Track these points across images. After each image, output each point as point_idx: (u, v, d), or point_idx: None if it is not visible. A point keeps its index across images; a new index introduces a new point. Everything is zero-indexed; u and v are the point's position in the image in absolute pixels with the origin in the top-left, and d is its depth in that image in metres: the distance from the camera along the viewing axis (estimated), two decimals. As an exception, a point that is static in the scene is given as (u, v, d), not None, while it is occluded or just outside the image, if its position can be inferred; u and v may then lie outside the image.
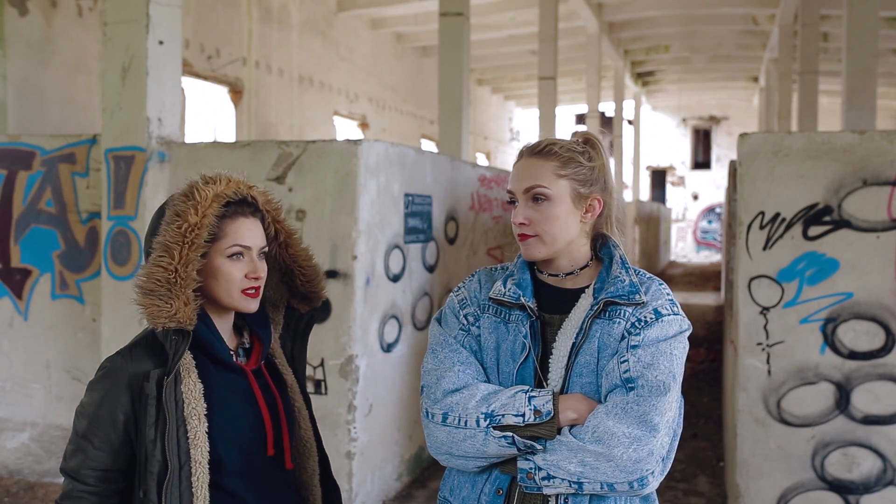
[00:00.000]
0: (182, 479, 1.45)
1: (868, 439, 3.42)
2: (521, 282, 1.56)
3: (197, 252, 1.47)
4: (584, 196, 1.53)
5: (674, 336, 1.47)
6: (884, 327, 3.38)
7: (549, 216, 1.51)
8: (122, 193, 4.19)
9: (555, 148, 1.53)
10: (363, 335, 3.91)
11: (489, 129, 20.77)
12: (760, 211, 3.49)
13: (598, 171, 1.54)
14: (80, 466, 1.48)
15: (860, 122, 6.21)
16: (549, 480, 1.40)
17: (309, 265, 1.69)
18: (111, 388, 1.48)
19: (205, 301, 1.55)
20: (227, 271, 1.53)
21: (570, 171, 1.51)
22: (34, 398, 4.64)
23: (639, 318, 1.47)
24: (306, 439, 1.69)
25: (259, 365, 1.62)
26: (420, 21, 13.45)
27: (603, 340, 1.47)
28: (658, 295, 1.51)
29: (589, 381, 1.47)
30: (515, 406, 1.43)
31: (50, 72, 7.05)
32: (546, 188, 1.50)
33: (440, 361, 1.54)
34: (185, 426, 1.46)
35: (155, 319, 1.45)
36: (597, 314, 1.49)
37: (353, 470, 3.88)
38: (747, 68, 19.25)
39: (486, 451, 1.44)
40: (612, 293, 1.49)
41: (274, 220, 1.63)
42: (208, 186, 1.50)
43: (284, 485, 1.62)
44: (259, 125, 10.35)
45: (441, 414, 1.48)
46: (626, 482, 1.37)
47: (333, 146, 3.89)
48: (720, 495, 4.43)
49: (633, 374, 1.41)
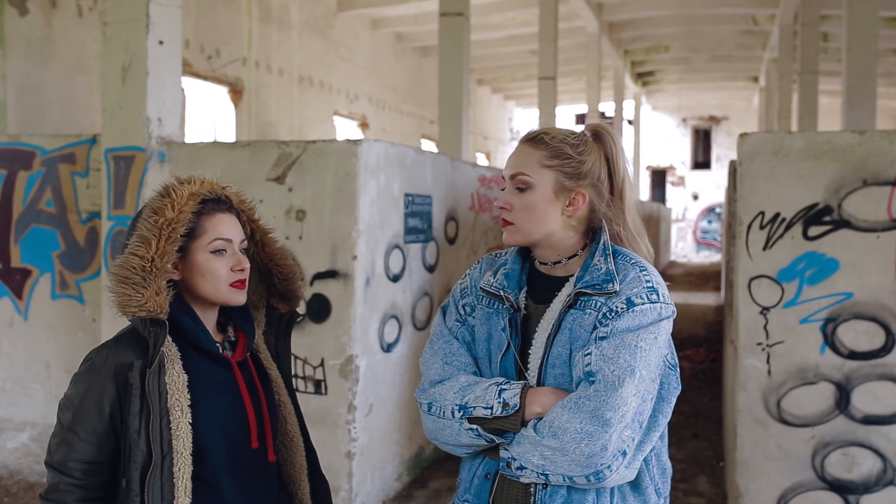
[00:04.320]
0: (164, 469, 1.46)
1: (868, 439, 3.42)
2: (511, 272, 1.59)
3: (173, 246, 1.51)
4: (568, 189, 1.52)
5: (646, 326, 1.43)
6: (884, 327, 3.38)
7: (528, 205, 1.52)
8: (122, 193, 4.19)
9: (546, 138, 1.53)
10: (363, 335, 3.91)
11: (489, 129, 20.77)
12: (760, 211, 3.49)
13: (589, 166, 1.52)
14: (66, 459, 1.49)
15: (860, 122, 6.21)
16: (521, 470, 1.45)
17: (285, 263, 1.72)
18: (97, 380, 1.49)
19: (189, 298, 1.58)
20: (211, 267, 1.56)
21: (556, 162, 1.51)
22: (34, 398, 4.64)
23: (610, 308, 1.45)
24: (292, 434, 1.71)
25: (245, 357, 1.64)
26: (420, 21, 13.45)
27: (575, 332, 1.47)
28: (635, 282, 1.46)
29: (562, 372, 1.48)
30: (486, 399, 1.47)
31: (50, 72, 7.05)
32: (528, 176, 1.51)
33: (434, 352, 1.60)
34: (168, 417, 1.47)
35: (125, 308, 1.48)
36: (570, 305, 1.49)
37: (353, 470, 3.88)
38: (747, 68, 19.25)
39: (460, 440, 1.50)
40: (586, 283, 1.48)
41: (249, 220, 1.66)
42: (183, 186, 1.55)
43: (268, 478, 1.64)
44: (259, 125, 10.35)
45: (426, 403, 1.55)
46: (582, 475, 1.40)
47: (333, 146, 3.89)
48: (720, 495, 4.43)
49: (594, 368, 1.41)
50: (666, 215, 22.16)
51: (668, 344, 1.51)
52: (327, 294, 3.85)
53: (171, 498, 1.46)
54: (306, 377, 3.90)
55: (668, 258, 23.53)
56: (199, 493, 1.51)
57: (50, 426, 4.71)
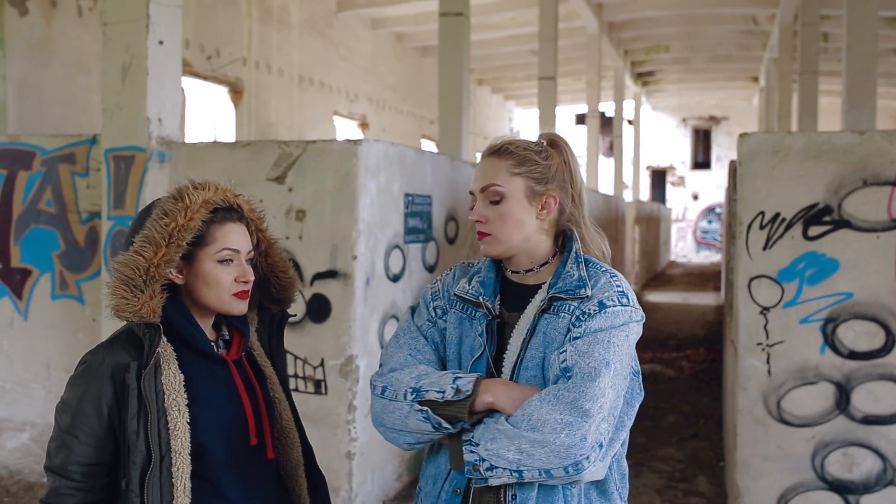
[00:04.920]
0: (163, 469, 1.46)
1: (868, 439, 3.42)
2: (486, 280, 1.61)
3: (178, 252, 1.52)
4: (539, 193, 1.57)
5: (618, 326, 1.48)
6: (884, 327, 3.38)
7: (504, 214, 1.55)
8: (122, 193, 4.19)
9: (511, 147, 1.57)
10: (363, 335, 3.91)
11: (489, 129, 20.76)
12: (760, 211, 3.49)
13: (554, 170, 1.58)
14: (65, 462, 1.49)
15: (860, 122, 6.21)
16: (492, 471, 1.43)
17: (286, 276, 1.73)
18: (93, 382, 1.50)
19: (189, 302, 1.59)
20: (217, 276, 1.56)
21: (524, 168, 1.55)
22: (34, 398, 4.64)
23: (583, 310, 1.50)
24: (288, 430, 1.72)
25: (240, 355, 1.65)
26: (420, 21, 13.45)
27: (549, 335, 1.51)
28: (606, 287, 1.52)
29: (534, 374, 1.51)
30: (440, 384, 1.49)
31: (50, 72, 7.06)
32: (500, 186, 1.55)
33: (399, 346, 1.63)
34: (165, 417, 1.48)
35: (120, 312, 1.50)
36: (543, 309, 1.53)
37: (353, 470, 3.88)
38: (747, 68, 19.25)
39: (407, 423, 1.51)
40: (559, 288, 1.52)
41: (257, 229, 1.67)
42: (198, 192, 1.55)
43: (267, 474, 1.65)
44: (259, 125, 10.35)
45: (381, 386, 1.56)
46: (560, 467, 1.40)
47: (333, 146, 3.90)
48: (720, 495, 4.43)
49: (570, 364, 1.44)
50: (666, 215, 22.17)
51: (633, 351, 1.55)
52: (327, 294, 3.85)
53: (171, 498, 1.47)
54: (306, 377, 3.90)
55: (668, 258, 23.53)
56: (201, 491, 1.52)
57: (50, 426, 4.71)
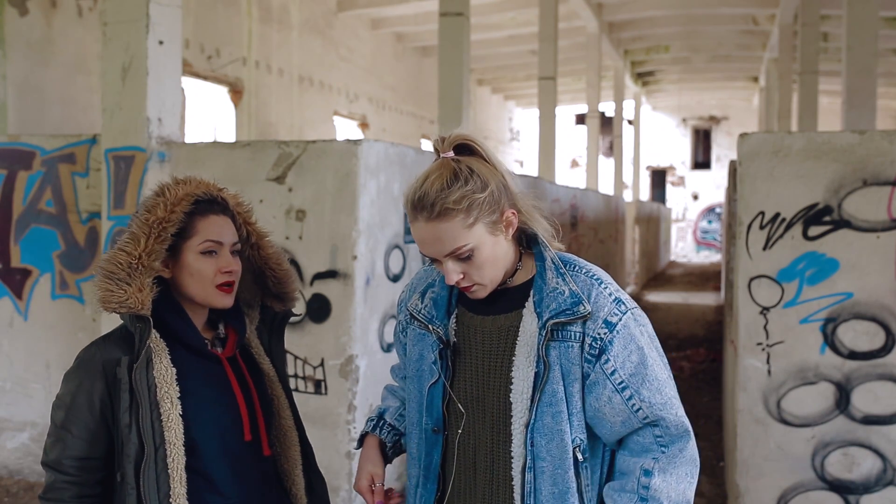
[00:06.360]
0: (158, 461, 1.48)
1: (868, 439, 3.42)
2: (439, 298, 1.56)
3: (163, 245, 1.53)
4: (497, 221, 1.45)
5: (636, 337, 1.46)
6: (884, 327, 3.38)
7: (481, 263, 1.45)
8: (122, 193, 4.19)
9: (448, 204, 1.40)
10: (363, 335, 3.91)
11: (489, 129, 20.77)
12: (760, 211, 3.49)
13: (492, 184, 1.44)
14: (60, 457, 1.50)
15: (860, 122, 6.21)
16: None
17: (280, 268, 1.73)
18: (86, 377, 1.51)
19: (179, 296, 1.60)
20: (199, 267, 1.57)
21: (475, 214, 1.42)
22: (34, 398, 4.64)
23: (594, 337, 1.44)
24: (287, 428, 1.72)
25: (234, 353, 1.65)
26: (420, 21, 13.46)
27: (565, 367, 1.45)
28: (601, 300, 1.46)
29: (559, 409, 1.45)
30: (377, 411, 1.80)
31: (50, 72, 7.06)
32: (465, 245, 1.42)
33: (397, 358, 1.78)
34: (158, 409, 1.49)
35: (106, 304, 1.50)
36: (548, 339, 1.45)
37: (353, 470, 3.88)
38: (747, 68, 19.26)
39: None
40: (554, 311, 1.44)
41: (245, 222, 1.67)
42: (179, 186, 1.57)
43: (263, 471, 1.65)
44: (259, 125, 10.36)
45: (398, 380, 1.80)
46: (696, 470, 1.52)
47: (333, 146, 3.90)
48: (720, 495, 4.43)
49: (646, 413, 1.45)
50: (666, 215, 22.17)
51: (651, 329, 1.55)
52: (327, 294, 3.85)
53: (168, 488, 1.48)
54: (306, 377, 3.90)
55: (668, 258, 23.54)
56: (196, 485, 1.53)
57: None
